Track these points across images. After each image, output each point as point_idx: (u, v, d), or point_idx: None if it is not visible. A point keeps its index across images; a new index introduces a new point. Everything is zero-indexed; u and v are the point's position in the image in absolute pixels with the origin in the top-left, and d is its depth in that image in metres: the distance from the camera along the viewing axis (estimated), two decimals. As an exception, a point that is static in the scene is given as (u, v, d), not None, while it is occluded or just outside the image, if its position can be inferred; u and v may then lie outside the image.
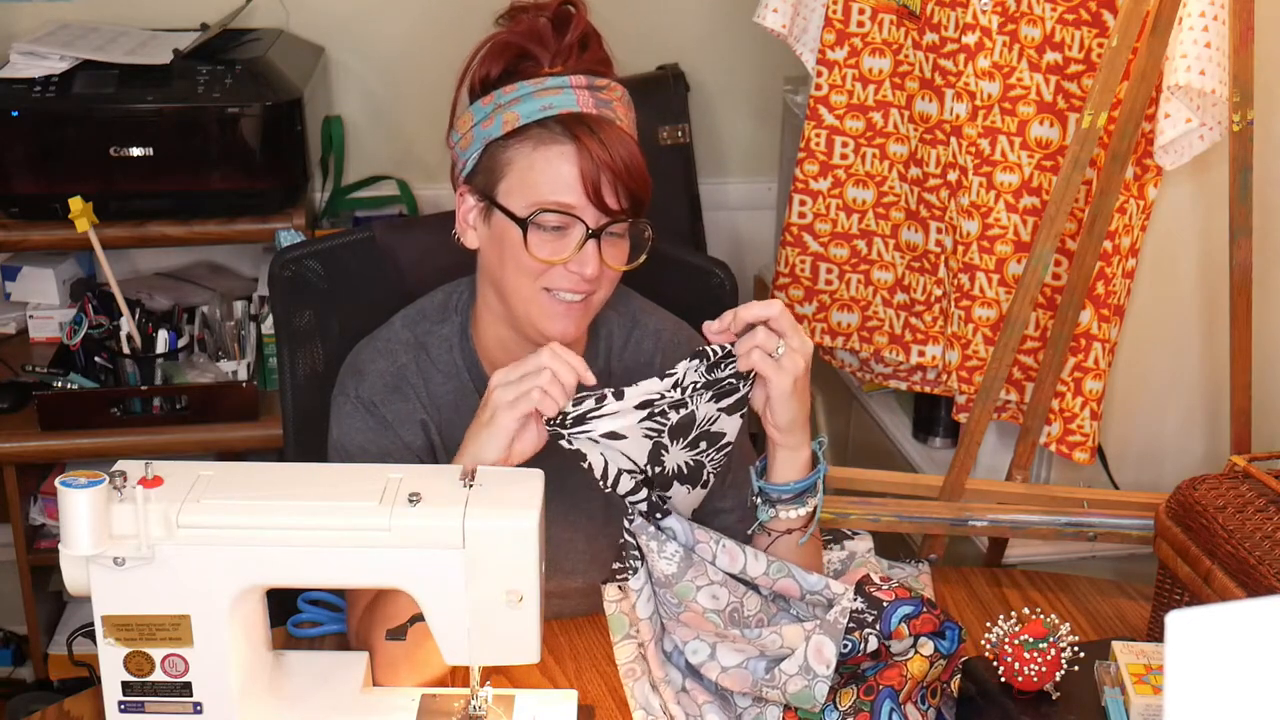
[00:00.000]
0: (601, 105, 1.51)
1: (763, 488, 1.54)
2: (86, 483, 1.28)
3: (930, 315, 2.23)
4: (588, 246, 1.49)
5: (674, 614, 1.48)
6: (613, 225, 1.50)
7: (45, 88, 2.48)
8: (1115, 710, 1.40)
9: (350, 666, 1.50)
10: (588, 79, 1.51)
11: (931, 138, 2.11)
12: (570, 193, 1.48)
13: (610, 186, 1.49)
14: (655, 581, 1.48)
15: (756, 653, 1.43)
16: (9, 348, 2.74)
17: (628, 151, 1.50)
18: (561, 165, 1.48)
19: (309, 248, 1.86)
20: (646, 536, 1.48)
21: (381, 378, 1.61)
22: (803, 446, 1.52)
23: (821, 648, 1.38)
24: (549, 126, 1.48)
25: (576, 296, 1.52)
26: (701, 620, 1.48)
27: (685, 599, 1.48)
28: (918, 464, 2.42)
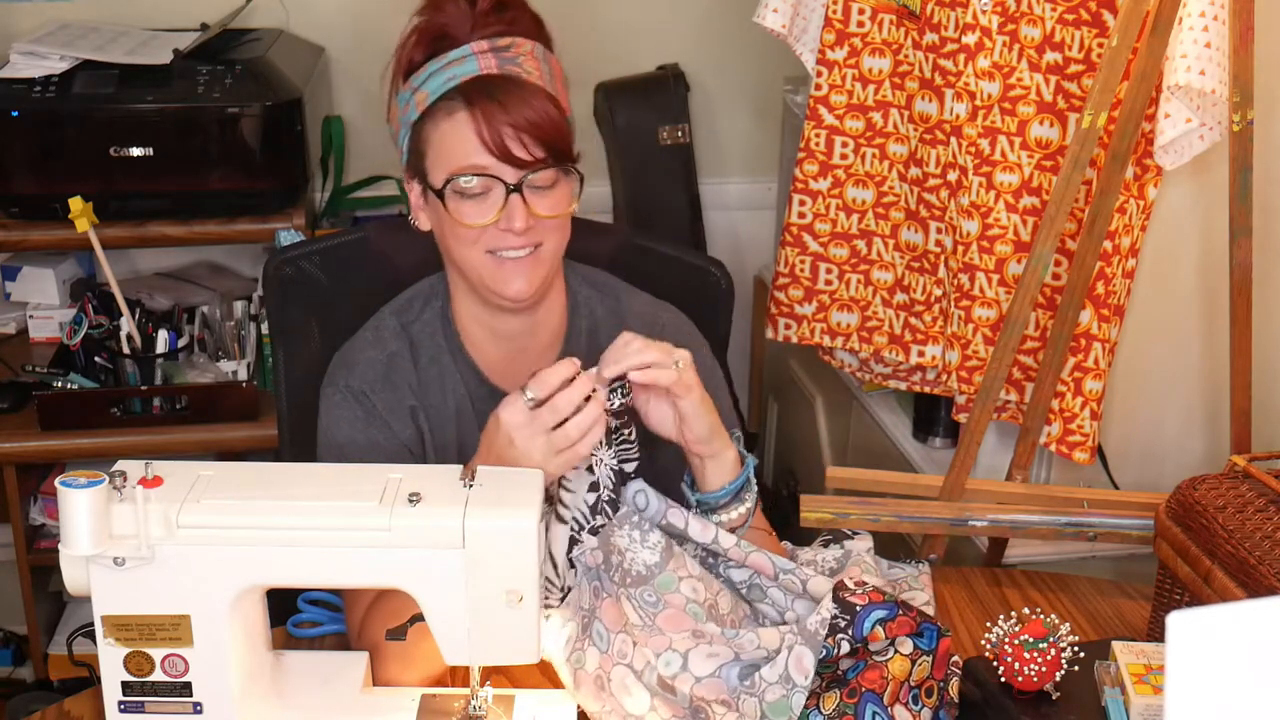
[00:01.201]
0: (506, 63, 1.53)
1: (700, 499, 1.53)
2: (86, 483, 1.28)
3: (930, 315, 2.23)
4: (511, 201, 1.52)
5: (650, 615, 1.43)
6: (531, 176, 1.52)
7: (45, 88, 2.48)
8: (1115, 710, 1.40)
9: (350, 666, 1.50)
10: (490, 42, 1.54)
11: (931, 138, 2.11)
12: (478, 154, 1.51)
13: (516, 140, 1.51)
14: (632, 580, 1.44)
15: (731, 656, 1.40)
16: (9, 348, 2.74)
17: (532, 100, 1.52)
18: (462, 131, 1.52)
19: (304, 248, 1.86)
20: (629, 527, 1.45)
21: (372, 366, 1.63)
22: (727, 448, 1.52)
23: (802, 658, 1.37)
24: (451, 97, 1.52)
25: (521, 252, 1.55)
26: (681, 617, 1.44)
27: (665, 592, 1.44)
28: (918, 464, 2.42)
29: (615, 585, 1.44)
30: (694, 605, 1.44)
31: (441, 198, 1.53)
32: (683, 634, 1.42)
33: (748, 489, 1.54)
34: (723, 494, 1.52)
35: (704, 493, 1.53)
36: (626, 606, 1.43)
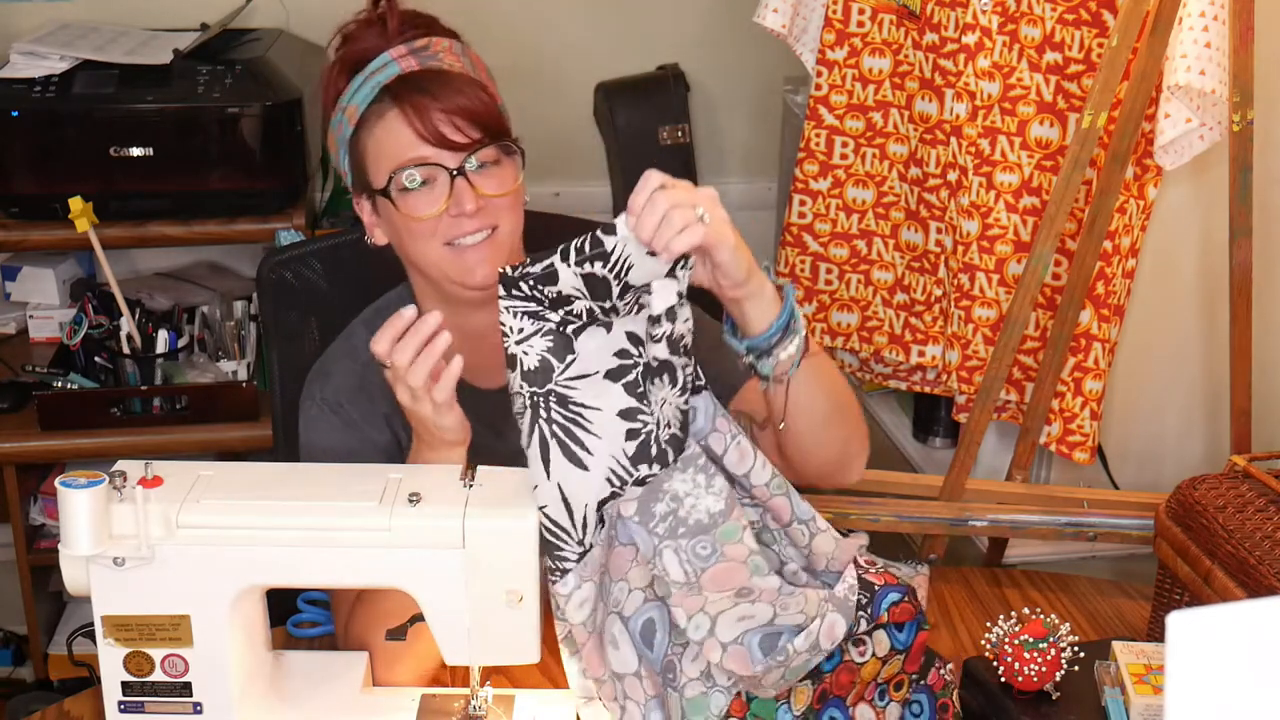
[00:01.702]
0: (426, 60, 1.55)
1: (750, 345, 1.42)
2: (86, 483, 1.28)
3: (930, 315, 2.22)
4: (457, 185, 1.52)
5: (698, 570, 1.33)
6: (471, 157, 1.53)
7: (45, 88, 2.48)
8: (1115, 710, 1.40)
9: (350, 666, 1.50)
10: (407, 46, 1.56)
11: (931, 138, 2.11)
12: (415, 147, 1.52)
13: (449, 124, 1.52)
14: (687, 530, 1.33)
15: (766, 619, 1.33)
16: (9, 348, 2.74)
17: (458, 86, 1.54)
18: (396, 128, 1.53)
19: (298, 250, 1.86)
20: (693, 471, 1.35)
21: (347, 378, 1.64)
22: (764, 283, 1.40)
23: (834, 626, 1.35)
24: (379, 101, 1.54)
25: (478, 236, 1.55)
26: (736, 571, 1.33)
27: (726, 542, 1.34)
28: (918, 464, 2.42)
29: (658, 538, 1.34)
30: (757, 558, 1.35)
31: (389, 197, 1.54)
32: (724, 593, 1.33)
33: (795, 319, 1.42)
34: (772, 332, 1.40)
35: (752, 337, 1.41)
36: (669, 560, 1.33)
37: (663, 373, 1.34)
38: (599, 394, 1.33)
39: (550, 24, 3.01)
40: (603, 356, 1.33)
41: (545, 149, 1.71)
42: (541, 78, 2.95)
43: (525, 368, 1.32)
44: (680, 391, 1.35)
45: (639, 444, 1.35)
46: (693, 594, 1.32)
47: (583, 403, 1.33)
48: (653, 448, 1.35)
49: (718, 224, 1.33)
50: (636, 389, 1.34)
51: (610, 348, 1.33)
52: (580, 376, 1.33)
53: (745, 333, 1.41)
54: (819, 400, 1.48)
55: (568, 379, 1.33)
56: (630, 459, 1.35)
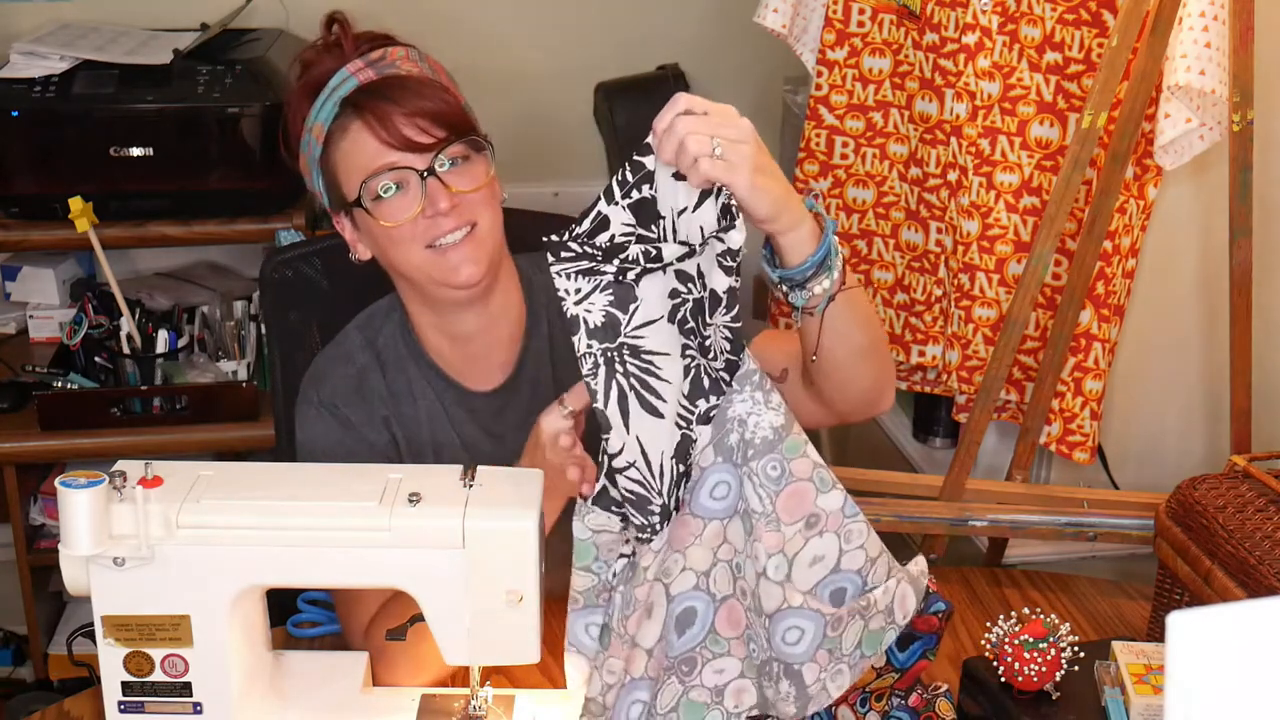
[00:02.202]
0: (383, 70, 1.56)
1: (783, 276, 1.36)
2: (86, 483, 1.28)
3: (930, 315, 2.22)
4: (429, 185, 1.53)
5: (773, 496, 1.30)
6: (440, 156, 1.53)
7: (45, 88, 2.48)
8: (1115, 710, 1.40)
9: (350, 666, 1.50)
10: (363, 60, 1.57)
11: (931, 138, 2.11)
12: (381, 155, 1.53)
13: (412, 125, 1.53)
14: (755, 451, 1.30)
15: (834, 559, 1.33)
16: (9, 348, 2.74)
17: (417, 89, 1.54)
18: (361, 139, 1.54)
19: (299, 249, 1.86)
20: (750, 389, 1.30)
21: (343, 381, 1.64)
22: (803, 219, 1.33)
23: (905, 598, 1.35)
24: (342, 115, 1.55)
25: (458, 234, 1.54)
26: (805, 490, 1.31)
27: (792, 458, 1.31)
28: (918, 464, 2.42)
29: (741, 471, 1.31)
30: (823, 471, 1.33)
31: (364, 208, 1.54)
32: (795, 524, 1.31)
33: (831, 255, 1.36)
34: (807, 266, 1.34)
35: (786, 269, 1.35)
36: (749, 491, 1.31)
37: (717, 302, 1.29)
38: (665, 339, 1.31)
39: (551, 24, 3.01)
40: (662, 301, 1.30)
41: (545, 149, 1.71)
42: (541, 77, 2.95)
43: (591, 325, 1.29)
44: (726, 309, 1.29)
45: (691, 380, 1.32)
46: (771, 528, 1.30)
47: (653, 349, 1.31)
48: (704, 380, 1.32)
49: (732, 161, 1.26)
50: (686, 325, 1.31)
51: (666, 289, 1.30)
52: (647, 324, 1.30)
53: (781, 263, 1.35)
54: (854, 334, 1.43)
55: (635, 328, 1.30)
56: (687, 396, 1.31)
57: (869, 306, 1.52)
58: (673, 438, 1.32)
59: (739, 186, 1.27)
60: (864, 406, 1.55)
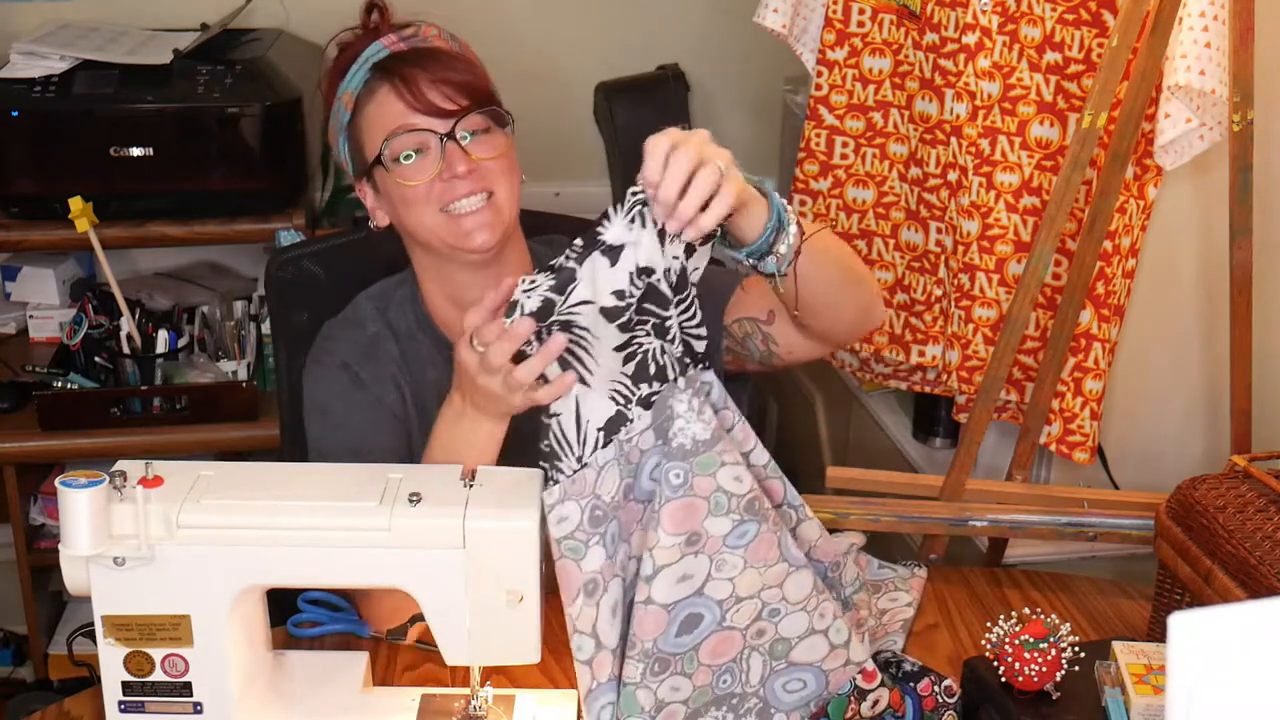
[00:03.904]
0: (413, 42, 1.62)
1: (748, 252, 1.39)
2: (86, 483, 1.28)
3: (930, 315, 2.22)
4: (448, 149, 1.56)
5: (668, 498, 1.33)
6: (463, 121, 1.57)
7: (45, 88, 2.48)
8: (1115, 710, 1.40)
9: (350, 666, 1.50)
10: (396, 34, 1.62)
11: (931, 138, 2.11)
12: (405, 116, 1.57)
13: (436, 91, 1.57)
14: (670, 452, 1.34)
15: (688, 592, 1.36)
16: (9, 348, 2.74)
17: (446, 60, 1.59)
18: (387, 101, 1.58)
19: (306, 248, 1.86)
20: (691, 394, 1.35)
21: (356, 344, 1.67)
22: (753, 193, 1.37)
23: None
24: (371, 80, 1.60)
25: (474, 200, 1.57)
26: (696, 508, 1.34)
27: (700, 474, 1.34)
28: (918, 464, 2.42)
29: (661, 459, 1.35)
30: (721, 495, 1.35)
31: (383, 165, 1.58)
32: (676, 538, 1.34)
33: (783, 214, 1.39)
34: (766, 235, 1.37)
35: (751, 244, 1.38)
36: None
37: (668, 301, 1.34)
38: (596, 325, 1.32)
39: (550, 24, 3.01)
40: (601, 290, 1.31)
41: (545, 149, 1.72)
42: (541, 78, 2.95)
43: (527, 311, 1.30)
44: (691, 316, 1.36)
45: (637, 364, 1.36)
46: (651, 527, 1.34)
47: (585, 327, 1.32)
48: (651, 366, 1.36)
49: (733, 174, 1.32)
50: (630, 326, 1.33)
51: (611, 284, 1.31)
52: (582, 303, 1.31)
53: (740, 242, 1.39)
54: (829, 275, 1.48)
55: (569, 305, 1.31)
56: (631, 378, 1.36)
57: (834, 240, 1.55)
58: (605, 410, 1.36)
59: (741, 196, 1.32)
60: (857, 330, 1.63)
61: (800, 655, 1.44)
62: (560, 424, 1.35)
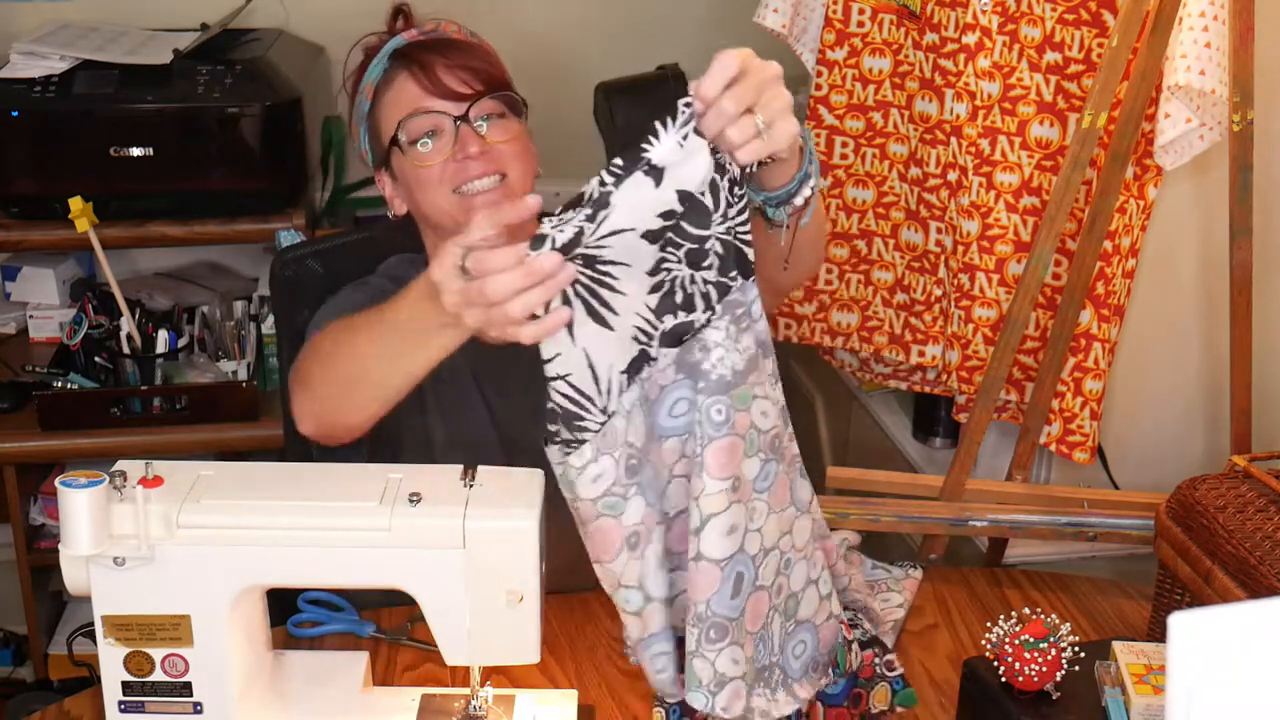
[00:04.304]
0: (430, 35, 1.66)
1: (767, 197, 1.32)
2: (86, 483, 1.28)
3: (930, 315, 2.22)
4: (461, 131, 1.60)
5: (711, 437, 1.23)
6: (477, 104, 1.61)
7: (45, 88, 2.48)
8: (1116, 710, 1.40)
9: (350, 666, 1.50)
10: (417, 30, 1.67)
11: (931, 138, 2.11)
12: (420, 99, 1.61)
13: (451, 74, 1.61)
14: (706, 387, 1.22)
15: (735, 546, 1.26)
16: (9, 348, 2.74)
17: (463, 49, 1.64)
18: (405, 85, 1.63)
19: (310, 247, 1.86)
20: (729, 320, 1.24)
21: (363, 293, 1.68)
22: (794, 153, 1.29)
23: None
24: (390, 68, 1.65)
25: (486, 181, 1.60)
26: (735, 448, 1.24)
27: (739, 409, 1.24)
28: (918, 464, 2.42)
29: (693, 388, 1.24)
30: (754, 433, 1.26)
31: (398, 146, 1.61)
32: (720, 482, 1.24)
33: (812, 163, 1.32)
34: (792, 186, 1.31)
35: (772, 190, 1.31)
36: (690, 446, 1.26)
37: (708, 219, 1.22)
38: (631, 252, 1.20)
39: (550, 24, 3.01)
40: (643, 214, 1.19)
41: (545, 149, 1.72)
42: (541, 78, 2.95)
43: (558, 245, 1.16)
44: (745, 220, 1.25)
45: (663, 294, 1.24)
46: (696, 473, 1.24)
47: (612, 260, 1.19)
48: (678, 294, 1.24)
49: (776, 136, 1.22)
50: (665, 246, 1.22)
51: (656, 206, 1.19)
52: (614, 233, 1.18)
53: (763, 186, 1.31)
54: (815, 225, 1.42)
55: (599, 238, 1.17)
56: (654, 310, 1.24)
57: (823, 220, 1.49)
58: (626, 351, 1.24)
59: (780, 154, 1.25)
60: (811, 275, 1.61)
61: (803, 612, 1.36)
62: (572, 383, 1.22)
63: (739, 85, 1.18)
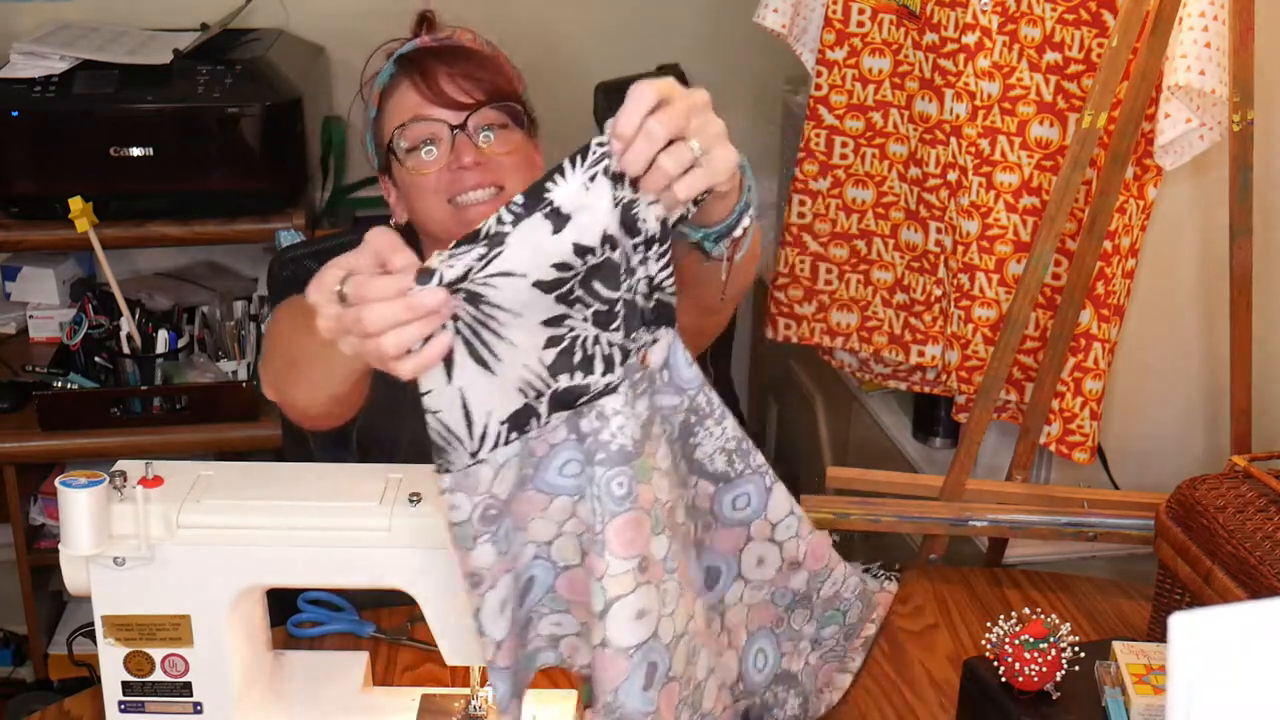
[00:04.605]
0: (442, 40, 1.64)
1: (706, 234, 1.21)
2: (86, 483, 1.28)
3: (930, 315, 2.22)
4: (458, 140, 1.58)
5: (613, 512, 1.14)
6: (479, 116, 1.58)
7: (45, 88, 2.48)
8: (1116, 710, 1.40)
9: (350, 666, 1.50)
10: (430, 35, 1.65)
11: (931, 138, 2.11)
12: (418, 106, 1.59)
13: (453, 84, 1.59)
14: (606, 459, 1.14)
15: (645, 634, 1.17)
16: (9, 348, 2.74)
17: (469, 56, 1.61)
18: (406, 93, 1.61)
19: (308, 247, 1.86)
20: (627, 385, 1.16)
21: None
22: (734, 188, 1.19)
23: None
24: (395, 75, 1.63)
25: (482, 194, 1.58)
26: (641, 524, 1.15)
27: (641, 481, 1.15)
28: (918, 464, 2.42)
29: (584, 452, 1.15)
30: (658, 508, 1.18)
31: (392, 150, 1.59)
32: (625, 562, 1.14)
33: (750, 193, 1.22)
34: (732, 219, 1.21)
35: (710, 225, 1.20)
36: (584, 509, 1.15)
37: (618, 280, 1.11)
38: (522, 298, 1.09)
39: (550, 24, 3.01)
40: (539, 260, 1.08)
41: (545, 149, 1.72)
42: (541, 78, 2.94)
43: (445, 280, 1.06)
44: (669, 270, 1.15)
45: (561, 351, 1.13)
46: (597, 552, 1.15)
47: (499, 304, 1.09)
48: (576, 354, 1.14)
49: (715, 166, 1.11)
50: (570, 296, 1.11)
51: (552, 255, 1.08)
52: (503, 274, 1.08)
53: (702, 223, 1.20)
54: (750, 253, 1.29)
55: (487, 275, 1.07)
56: (548, 367, 1.13)
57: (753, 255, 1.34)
58: (509, 401, 1.13)
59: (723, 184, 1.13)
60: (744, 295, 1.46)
61: (706, 704, 1.27)
62: (443, 420, 1.12)
63: (663, 111, 1.08)
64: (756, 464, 1.29)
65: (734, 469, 1.27)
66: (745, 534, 1.30)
